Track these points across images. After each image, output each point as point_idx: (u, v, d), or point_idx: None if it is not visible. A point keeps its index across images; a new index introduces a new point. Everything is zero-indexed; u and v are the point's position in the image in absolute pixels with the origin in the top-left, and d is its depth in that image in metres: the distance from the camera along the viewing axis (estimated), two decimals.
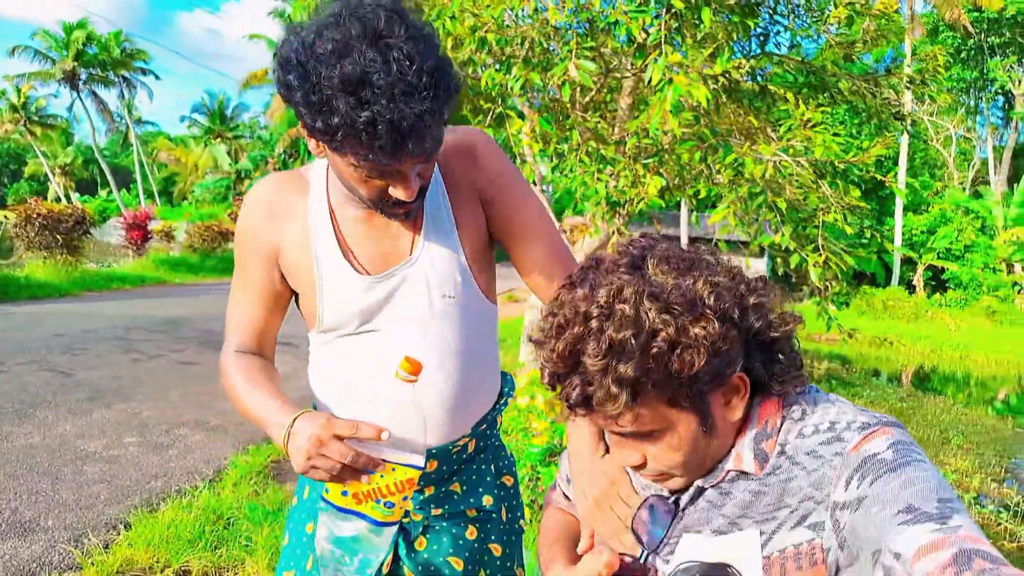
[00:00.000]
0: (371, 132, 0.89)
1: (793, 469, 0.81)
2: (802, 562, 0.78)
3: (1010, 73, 23.75)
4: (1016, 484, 6.47)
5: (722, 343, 0.76)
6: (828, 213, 4.03)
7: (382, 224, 1.13)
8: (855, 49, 4.19)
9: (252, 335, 1.21)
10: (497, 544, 1.28)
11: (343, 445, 0.92)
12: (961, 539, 0.64)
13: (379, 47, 0.88)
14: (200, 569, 2.66)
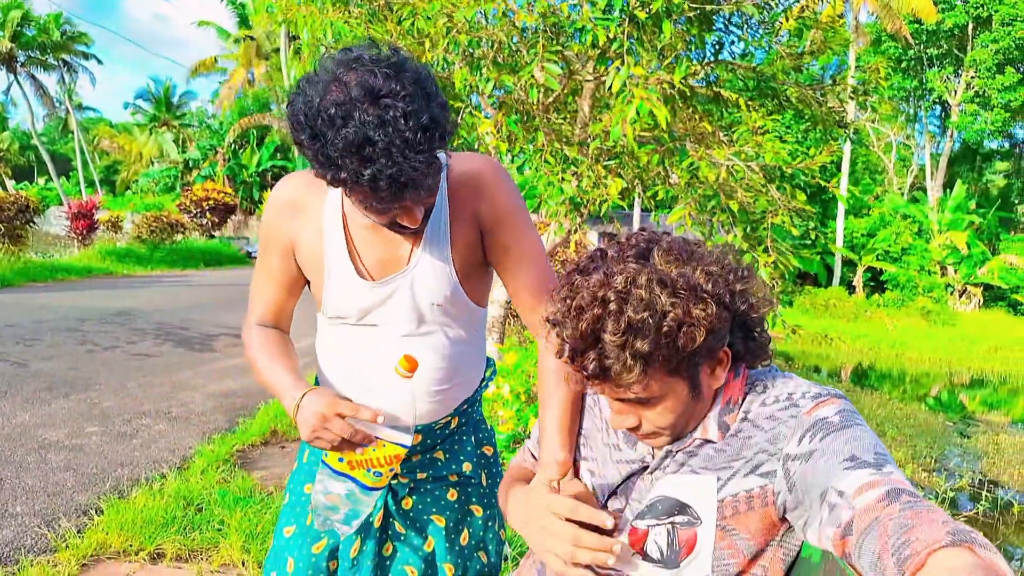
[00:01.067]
0: (374, 186, 1.01)
1: (753, 431, 0.98)
2: (754, 504, 0.94)
3: (947, 84, 24.74)
4: (945, 473, 6.87)
5: (717, 322, 0.91)
6: (776, 215, 4.26)
7: (387, 233, 1.25)
8: (803, 60, 4.44)
9: (271, 312, 1.36)
10: (478, 506, 1.43)
11: (344, 423, 1.08)
12: (893, 481, 0.80)
13: (379, 106, 0.98)
14: (174, 552, 2.72)
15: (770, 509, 0.94)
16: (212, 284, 12.57)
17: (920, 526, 0.71)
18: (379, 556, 1.36)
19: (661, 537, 0.97)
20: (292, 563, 1.38)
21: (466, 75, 3.50)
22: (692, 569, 0.96)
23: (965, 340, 17.81)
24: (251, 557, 2.66)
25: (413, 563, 1.37)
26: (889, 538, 0.73)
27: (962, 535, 0.69)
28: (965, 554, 0.67)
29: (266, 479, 3.53)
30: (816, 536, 0.86)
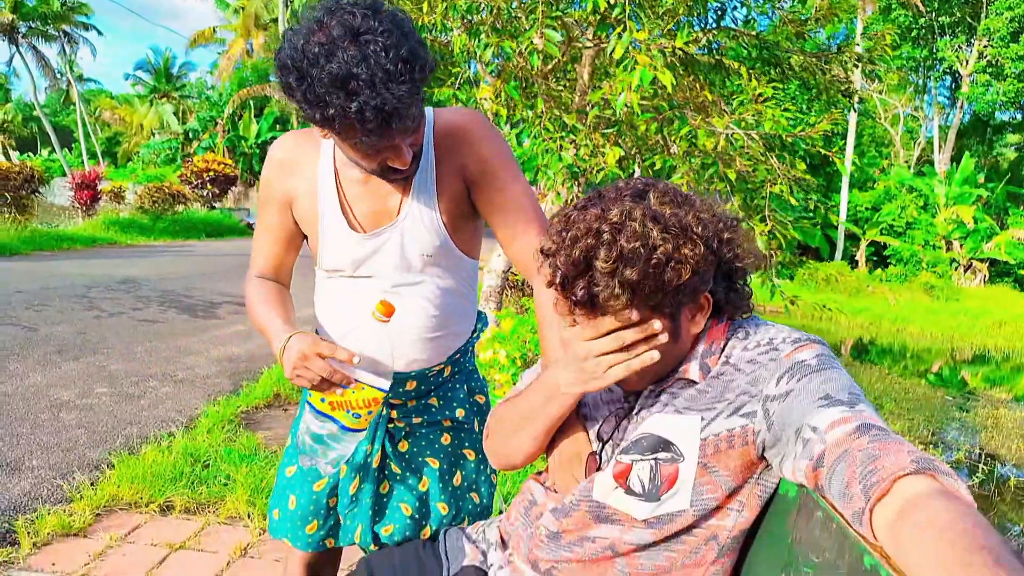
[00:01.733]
0: (361, 118, 1.06)
1: (735, 374, 1.02)
2: (734, 443, 0.99)
3: (958, 53, 24.25)
4: (942, 447, 6.95)
5: (703, 264, 0.97)
6: (775, 185, 4.29)
7: (377, 187, 1.32)
8: (806, 26, 4.43)
9: (270, 266, 1.43)
10: (471, 450, 1.51)
11: (323, 362, 1.14)
12: (863, 417, 0.85)
13: (359, 43, 1.04)
14: (182, 504, 2.82)
15: (750, 448, 0.98)
16: (214, 254, 12.64)
17: (886, 456, 0.76)
18: (376, 495, 1.44)
19: (644, 472, 1.02)
20: (294, 500, 1.46)
21: (464, 41, 3.52)
22: (672, 503, 1.01)
23: (968, 315, 17.76)
24: (256, 510, 2.76)
25: (408, 501, 1.44)
26: (857, 468, 0.78)
27: (925, 463, 0.73)
28: (928, 480, 0.72)
29: (270, 439, 3.62)
30: (791, 470, 0.91)
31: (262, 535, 2.64)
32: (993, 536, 0.63)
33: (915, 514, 0.69)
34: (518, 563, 1.14)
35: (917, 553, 0.66)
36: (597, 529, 1.05)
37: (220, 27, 35.78)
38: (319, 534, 1.47)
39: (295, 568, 1.55)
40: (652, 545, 1.03)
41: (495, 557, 1.19)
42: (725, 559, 1.05)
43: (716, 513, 1.02)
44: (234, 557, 2.47)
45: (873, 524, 0.74)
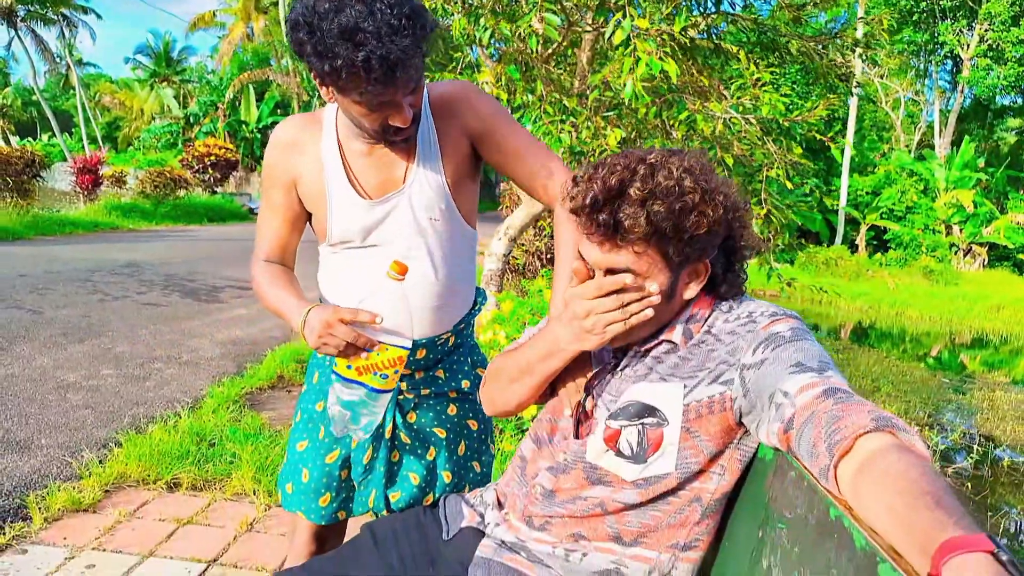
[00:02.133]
0: (367, 67, 1.12)
1: (716, 343, 1.09)
2: (714, 408, 1.06)
3: (959, 37, 24.18)
4: (938, 428, 7.03)
5: (718, 225, 1.04)
6: (772, 169, 4.33)
7: (381, 156, 1.37)
8: (804, 12, 4.45)
9: (276, 247, 1.49)
10: (474, 420, 1.57)
11: (347, 328, 1.19)
12: (830, 382, 0.92)
13: (365, 1, 1.11)
14: (189, 481, 2.89)
15: (728, 414, 1.05)
16: (216, 239, 12.69)
17: (848, 416, 0.82)
18: (389, 463, 1.50)
19: (632, 436, 1.09)
20: (307, 473, 1.51)
21: (464, 24, 3.55)
22: (658, 465, 1.08)
23: (967, 299, 17.82)
24: (261, 487, 2.83)
25: (416, 471, 1.50)
26: (822, 428, 0.84)
27: (884, 421, 0.80)
28: (887, 436, 0.78)
29: (274, 419, 3.70)
30: (765, 433, 0.97)
31: (268, 510, 2.72)
32: (939, 482, 0.70)
33: (872, 467, 0.75)
34: (513, 520, 1.20)
35: (872, 501, 0.73)
36: (590, 490, 1.12)
37: (220, 11, 35.62)
38: (332, 506, 1.52)
39: (303, 539, 1.60)
40: (639, 505, 1.10)
41: (492, 516, 1.26)
42: (708, 520, 1.12)
43: (699, 476, 1.09)
44: (240, 531, 2.54)
45: (838, 479, 0.80)
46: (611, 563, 1.12)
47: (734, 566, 1.10)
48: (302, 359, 4.79)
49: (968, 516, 0.64)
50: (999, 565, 0.58)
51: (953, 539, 0.61)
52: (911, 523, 0.66)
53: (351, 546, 1.32)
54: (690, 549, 1.12)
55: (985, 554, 0.59)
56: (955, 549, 0.60)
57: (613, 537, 1.12)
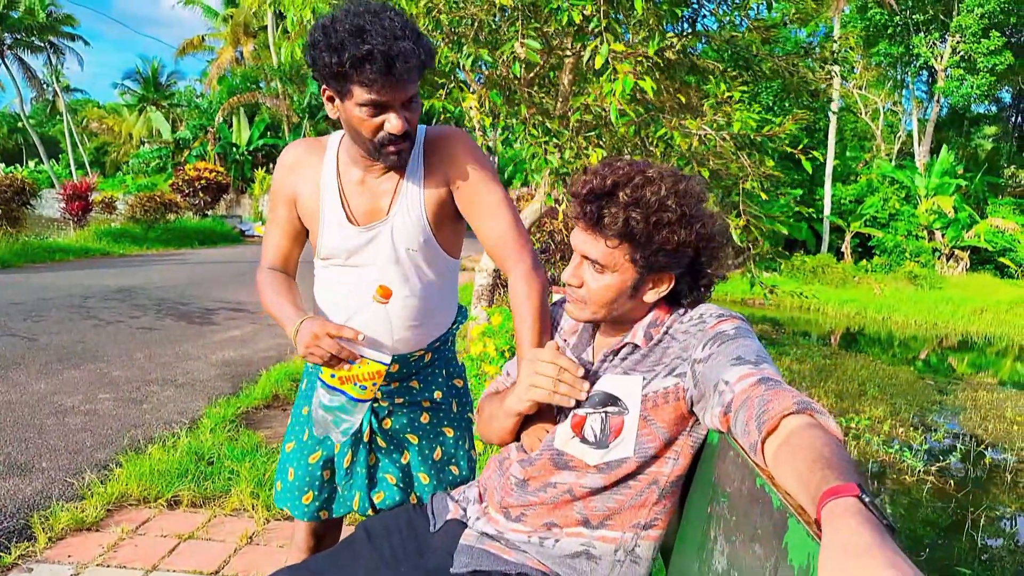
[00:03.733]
0: (370, 59, 1.28)
1: (671, 342, 1.25)
2: (669, 399, 1.21)
3: (933, 49, 24.72)
4: (922, 428, 7.17)
5: (686, 248, 1.19)
6: (747, 181, 4.49)
7: (372, 186, 1.52)
8: (771, 33, 4.64)
9: (279, 257, 1.64)
10: (449, 427, 1.70)
11: (332, 341, 1.33)
12: (764, 372, 1.06)
13: (375, 14, 1.30)
14: (189, 498, 2.98)
15: (681, 403, 1.20)
16: (208, 262, 12.77)
17: (775, 400, 0.97)
18: (368, 466, 1.64)
19: (596, 423, 1.23)
20: (292, 472, 1.66)
21: (447, 52, 3.70)
22: (618, 450, 1.22)
23: (951, 303, 18.07)
24: (260, 502, 2.93)
25: (392, 472, 1.64)
26: (753, 410, 0.99)
27: (804, 404, 0.94)
28: (805, 417, 0.93)
29: (270, 437, 3.79)
30: (710, 418, 1.12)
31: (267, 524, 2.82)
32: (836, 450, 0.84)
33: (789, 441, 0.90)
34: (492, 513, 1.33)
35: (784, 468, 0.88)
36: (558, 475, 1.26)
37: (209, 35, 35.81)
38: (314, 505, 1.65)
39: (301, 535, 1.75)
40: (604, 489, 1.24)
41: (473, 510, 1.39)
42: (666, 501, 1.26)
43: (656, 461, 1.23)
44: (240, 545, 2.64)
45: (764, 453, 0.94)
46: (581, 545, 1.25)
47: (690, 540, 1.24)
48: (296, 378, 4.89)
49: (850, 473, 0.78)
50: (862, 505, 0.71)
51: (830, 488, 0.75)
52: (807, 482, 0.81)
53: (347, 542, 1.44)
54: (651, 527, 1.26)
55: (853, 498, 0.72)
56: (831, 495, 0.74)
57: (581, 522, 1.25)
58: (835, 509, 0.72)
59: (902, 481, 5.65)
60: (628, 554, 1.26)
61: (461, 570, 1.25)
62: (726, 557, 1.05)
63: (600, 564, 1.25)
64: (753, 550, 0.95)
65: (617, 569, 1.26)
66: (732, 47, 4.87)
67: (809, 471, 0.81)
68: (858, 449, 6.18)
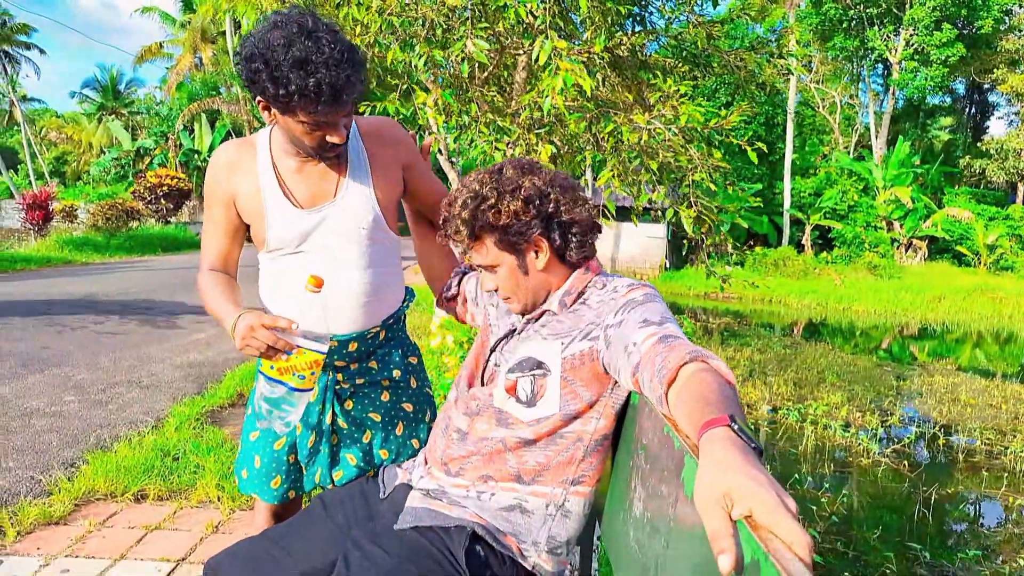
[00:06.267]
0: (318, 91, 1.36)
1: (587, 311, 1.38)
2: (584, 360, 1.34)
3: (887, 42, 25.32)
4: (879, 412, 7.40)
5: (522, 214, 1.35)
6: (696, 173, 4.65)
7: (312, 171, 1.60)
8: (716, 28, 4.81)
9: (219, 258, 1.68)
10: (408, 403, 1.80)
11: (267, 332, 1.34)
12: (666, 331, 1.20)
13: (312, 38, 1.35)
14: (156, 493, 3.05)
15: (596, 364, 1.34)
16: (171, 268, 12.69)
17: (671, 353, 1.10)
18: (331, 446, 1.72)
19: (526, 384, 1.37)
20: (259, 460, 1.73)
21: (398, 53, 3.80)
22: (544, 408, 1.36)
23: (910, 292, 18.55)
24: (225, 493, 3.01)
25: (354, 453, 1.73)
26: (654, 366, 1.11)
27: (696, 353, 1.07)
28: (699, 364, 1.05)
29: (235, 434, 3.86)
30: (624, 379, 1.24)
31: (232, 514, 2.90)
32: (719, 389, 0.97)
33: (684, 388, 1.03)
34: (434, 471, 1.46)
35: (679, 412, 1.01)
36: (496, 431, 1.40)
37: (167, 42, 35.36)
38: (283, 487, 1.73)
39: (262, 519, 1.82)
40: (533, 443, 1.37)
41: (417, 472, 1.51)
42: (592, 458, 1.39)
43: (579, 419, 1.37)
44: (207, 533, 2.73)
45: (668, 403, 1.06)
46: (514, 499, 1.38)
47: (616, 494, 1.37)
48: None
49: (727, 407, 0.91)
50: (732, 432, 0.84)
51: (707, 421, 0.87)
52: (692, 419, 0.94)
53: (304, 512, 1.55)
54: (579, 484, 1.39)
55: (724, 427, 0.85)
56: (707, 427, 0.86)
57: (514, 477, 1.38)
58: (709, 437, 0.84)
59: (858, 464, 5.85)
60: (559, 508, 1.38)
61: (404, 527, 1.37)
62: (642, 502, 1.17)
63: (533, 518, 1.37)
64: (661, 491, 1.07)
65: (549, 523, 1.38)
66: (679, 44, 5.04)
67: (694, 409, 0.94)
68: (815, 435, 6.38)
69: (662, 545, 1.02)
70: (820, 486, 5.27)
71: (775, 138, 23.09)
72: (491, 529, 1.36)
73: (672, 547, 0.98)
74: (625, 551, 1.24)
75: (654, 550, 1.06)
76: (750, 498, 0.71)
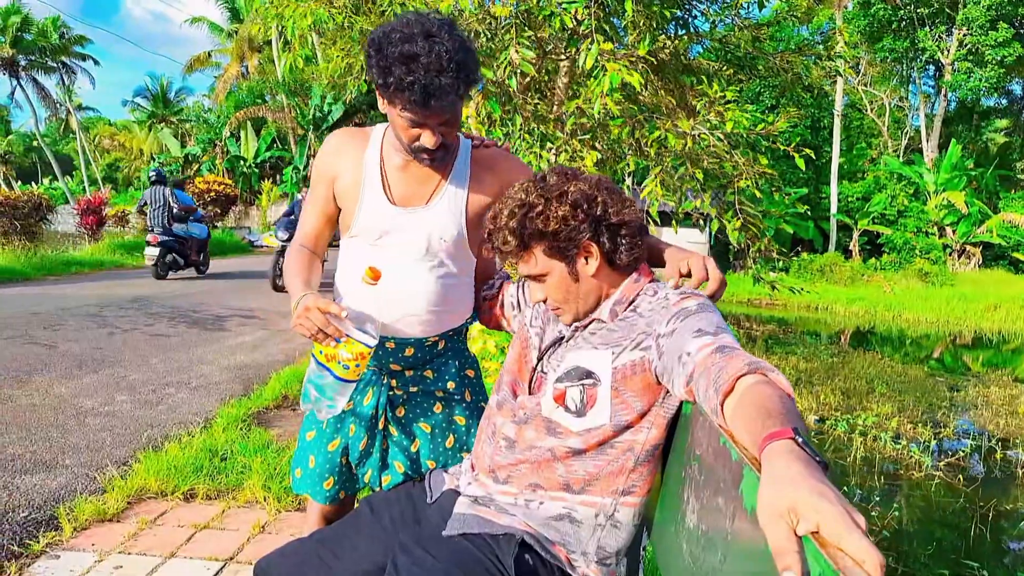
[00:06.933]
0: (411, 90, 1.39)
1: (638, 319, 1.36)
2: (636, 370, 1.32)
3: (939, 43, 24.58)
4: (931, 425, 7.18)
5: (571, 219, 1.34)
6: (741, 180, 4.59)
7: (415, 173, 1.63)
8: (762, 31, 4.74)
9: (310, 236, 1.74)
10: (461, 416, 1.78)
11: (320, 315, 1.41)
12: (721, 341, 1.17)
13: (429, 41, 1.37)
14: (204, 492, 3.12)
15: (648, 374, 1.31)
16: (218, 272, 12.96)
17: (729, 365, 1.07)
18: (381, 451, 1.74)
19: (575, 394, 1.35)
20: (313, 460, 1.76)
21: None
22: (595, 418, 1.33)
23: (963, 300, 17.95)
24: (271, 494, 3.05)
25: (400, 460, 1.74)
26: (711, 377, 1.09)
27: (755, 364, 1.05)
28: (757, 376, 1.03)
29: (281, 435, 3.92)
30: (678, 389, 1.22)
31: (278, 514, 2.94)
32: (779, 401, 0.94)
33: (741, 400, 1.00)
34: (482, 478, 1.45)
35: (737, 424, 0.99)
36: (545, 440, 1.38)
37: (215, 51, 36.30)
38: (335, 488, 1.75)
39: (314, 520, 1.84)
40: (583, 452, 1.35)
41: (465, 479, 1.50)
42: (642, 468, 1.36)
43: (630, 429, 1.34)
44: (253, 533, 2.77)
45: (724, 414, 1.04)
46: (563, 508, 1.36)
47: (668, 504, 1.34)
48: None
49: (790, 419, 0.89)
50: (796, 445, 0.82)
51: (769, 433, 0.85)
52: (753, 431, 0.91)
53: (351, 516, 1.56)
54: (629, 494, 1.36)
55: (788, 439, 0.83)
56: (769, 439, 0.84)
57: (564, 486, 1.36)
58: (772, 450, 0.82)
59: (910, 477, 5.69)
60: (608, 519, 1.36)
61: (452, 533, 1.36)
62: (696, 514, 1.14)
63: (582, 528, 1.36)
64: (717, 503, 1.05)
65: (598, 533, 1.36)
66: (724, 47, 4.98)
67: (755, 421, 0.92)
68: (865, 446, 6.22)
69: (719, 560, 0.99)
70: (869, 499, 5.14)
71: (821, 141, 22.65)
72: (540, 538, 1.34)
73: (730, 562, 0.95)
74: (677, 564, 1.21)
75: (710, 564, 1.03)
76: (817, 513, 0.69)
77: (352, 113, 27.80)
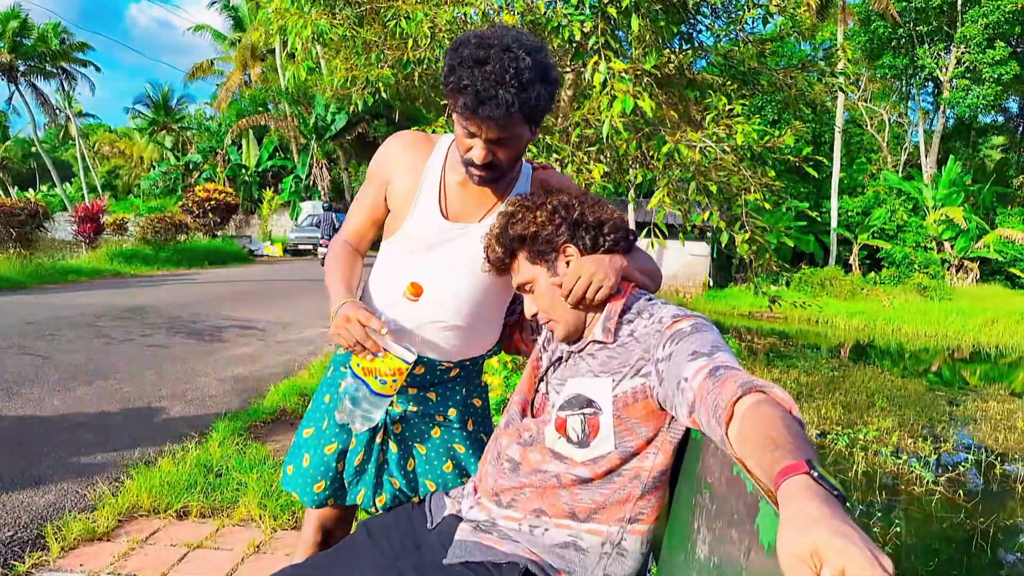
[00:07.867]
0: (464, 93, 1.34)
1: (635, 344, 1.31)
2: (638, 397, 1.27)
3: (938, 60, 24.78)
4: (931, 440, 7.13)
5: (548, 223, 1.37)
6: (749, 193, 4.55)
7: (472, 191, 1.58)
8: (767, 47, 4.71)
9: (355, 234, 1.69)
10: (461, 445, 1.72)
11: (360, 328, 1.38)
12: (717, 361, 1.12)
13: (503, 53, 1.33)
14: (198, 509, 3.04)
15: (650, 400, 1.27)
16: (217, 281, 12.90)
17: (723, 390, 1.02)
18: (377, 465, 1.67)
19: (576, 424, 1.31)
20: (307, 458, 1.70)
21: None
22: (600, 447, 1.29)
23: (961, 314, 17.95)
24: (267, 512, 2.98)
25: (396, 477, 1.68)
26: (709, 407, 1.05)
27: (748, 384, 1.00)
28: (754, 396, 0.98)
29: (278, 450, 3.85)
30: (682, 418, 1.17)
31: (274, 533, 2.87)
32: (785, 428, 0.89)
33: (743, 429, 0.95)
34: (485, 502, 1.40)
35: (745, 453, 0.93)
36: (550, 464, 1.33)
37: (218, 59, 36.40)
38: (324, 493, 1.69)
39: (310, 530, 1.77)
40: (589, 481, 1.30)
41: (467, 502, 1.45)
42: (650, 496, 1.31)
43: (637, 456, 1.29)
44: (248, 553, 2.69)
45: (731, 443, 0.99)
46: (569, 536, 1.31)
47: (677, 532, 1.29)
48: (304, 392, 4.95)
49: (799, 449, 0.84)
50: (812, 480, 0.77)
51: (781, 469, 0.80)
52: (763, 465, 0.86)
53: (348, 541, 1.50)
54: (636, 521, 1.31)
55: (803, 475, 0.77)
56: (783, 475, 0.79)
57: (569, 514, 1.31)
58: (789, 487, 0.77)
59: (910, 492, 5.64)
60: (615, 547, 1.31)
61: (454, 561, 1.30)
62: (707, 545, 1.09)
63: (588, 556, 1.31)
64: (730, 535, 0.99)
65: (605, 561, 1.31)
66: (729, 61, 4.95)
67: (763, 453, 0.87)
68: (866, 460, 6.17)
69: None
70: (870, 514, 5.08)
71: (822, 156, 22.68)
72: (544, 566, 1.30)
73: None
74: None
75: None
76: (841, 557, 0.65)
77: (356, 123, 27.85)
